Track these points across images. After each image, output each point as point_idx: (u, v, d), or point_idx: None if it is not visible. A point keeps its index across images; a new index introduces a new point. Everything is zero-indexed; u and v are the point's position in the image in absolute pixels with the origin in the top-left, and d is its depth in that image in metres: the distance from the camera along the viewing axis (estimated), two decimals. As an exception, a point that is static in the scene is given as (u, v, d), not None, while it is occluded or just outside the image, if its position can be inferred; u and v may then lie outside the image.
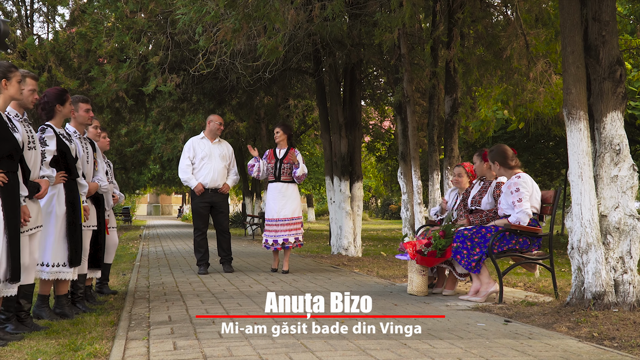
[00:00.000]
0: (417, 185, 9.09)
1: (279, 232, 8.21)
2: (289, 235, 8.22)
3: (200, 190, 8.17)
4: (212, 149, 8.30)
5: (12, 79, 4.22)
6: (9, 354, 3.85)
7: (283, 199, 8.23)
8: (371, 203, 51.51)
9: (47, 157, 4.87)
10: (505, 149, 5.94)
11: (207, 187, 8.21)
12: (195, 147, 8.31)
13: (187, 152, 8.31)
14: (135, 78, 11.11)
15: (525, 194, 5.66)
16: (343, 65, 11.83)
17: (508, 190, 5.76)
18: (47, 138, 4.92)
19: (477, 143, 17.50)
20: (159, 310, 5.26)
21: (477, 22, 9.16)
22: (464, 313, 5.08)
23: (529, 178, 5.77)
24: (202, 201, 8.23)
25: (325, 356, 3.53)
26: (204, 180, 8.19)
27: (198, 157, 8.25)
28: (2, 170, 4.05)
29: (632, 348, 3.80)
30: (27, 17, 14.44)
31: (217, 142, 8.41)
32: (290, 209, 8.25)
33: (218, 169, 8.25)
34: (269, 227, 8.27)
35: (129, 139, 23.07)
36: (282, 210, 8.21)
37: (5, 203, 4.05)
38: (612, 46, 4.97)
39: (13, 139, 4.13)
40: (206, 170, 8.22)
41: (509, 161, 5.87)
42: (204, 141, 8.37)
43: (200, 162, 8.24)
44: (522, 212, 5.61)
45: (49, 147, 4.90)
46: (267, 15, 7.11)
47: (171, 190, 51.06)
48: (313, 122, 19.09)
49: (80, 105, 5.52)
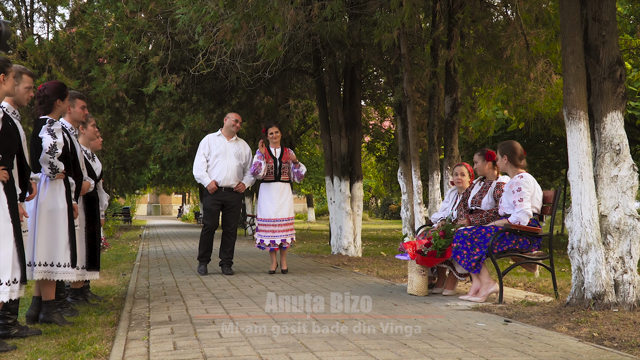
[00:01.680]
0: (417, 185, 9.09)
1: (276, 232, 8.10)
2: (286, 235, 8.14)
3: (213, 188, 7.98)
4: (228, 147, 8.11)
5: (8, 74, 4.10)
6: (9, 354, 3.85)
7: (281, 198, 8.15)
8: (371, 203, 51.53)
9: (58, 149, 4.73)
10: (516, 146, 5.93)
11: (220, 185, 8.02)
12: (211, 144, 8.11)
13: (202, 149, 8.11)
14: (135, 78, 11.11)
15: (527, 194, 5.65)
16: (343, 65, 11.84)
17: (510, 189, 5.76)
18: (55, 130, 4.79)
19: (477, 143, 17.51)
20: (159, 310, 5.25)
21: (477, 22, 9.17)
22: (464, 313, 5.08)
23: (531, 178, 5.77)
24: (213, 199, 8.05)
25: (325, 356, 3.53)
26: (216, 178, 8.00)
27: (212, 154, 8.05)
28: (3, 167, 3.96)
29: (632, 348, 3.80)
30: (27, 17, 14.44)
31: (233, 140, 8.20)
32: (287, 209, 8.18)
33: (232, 167, 8.05)
34: (265, 227, 8.15)
35: (129, 139, 23.07)
36: (280, 210, 8.12)
37: (9, 201, 3.96)
38: (612, 46, 4.97)
39: (15, 136, 4.07)
40: (219, 168, 8.03)
41: (517, 159, 5.86)
42: (220, 138, 8.16)
43: (214, 160, 8.05)
44: (522, 212, 5.61)
45: (58, 139, 4.77)
46: (266, 15, 7.11)
47: (171, 190, 51.11)
48: (313, 122, 19.09)
49: (77, 102, 5.42)
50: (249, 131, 20.19)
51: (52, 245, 4.82)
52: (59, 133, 4.83)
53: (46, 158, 4.71)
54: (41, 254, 4.77)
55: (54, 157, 4.72)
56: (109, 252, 13.35)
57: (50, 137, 4.74)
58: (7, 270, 3.89)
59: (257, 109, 16.95)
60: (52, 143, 4.71)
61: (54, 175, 4.79)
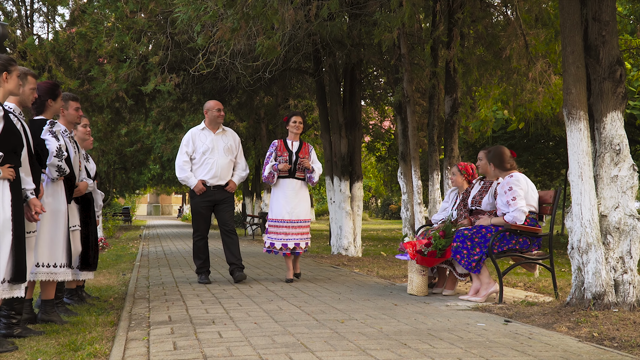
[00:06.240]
0: (417, 185, 9.09)
1: (289, 235, 7.18)
2: (300, 239, 7.22)
3: (202, 189, 7.09)
4: (216, 141, 7.18)
5: (12, 73, 4.11)
6: (9, 354, 3.85)
7: (296, 197, 7.23)
8: (371, 203, 51.52)
9: (64, 152, 4.73)
10: (502, 151, 5.93)
11: (208, 184, 7.13)
12: (195, 140, 7.17)
13: (185, 147, 7.18)
14: (135, 78, 11.12)
15: (519, 192, 5.66)
16: (343, 65, 11.84)
17: (502, 190, 5.78)
18: (57, 132, 4.78)
19: (477, 143, 17.52)
20: (159, 310, 5.25)
21: (477, 22, 9.18)
22: (464, 313, 5.08)
23: (522, 177, 5.78)
24: (202, 199, 7.14)
25: (325, 356, 3.53)
26: (205, 177, 7.11)
27: (199, 152, 7.14)
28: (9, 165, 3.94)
29: (632, 348, 3.80)
30: (27, 17, 14.43)
31: (220, 132, 7.26)
32: (304, 209, 7.28)
33: (222, 164, 7.15)
34: (277, 229, 7.20)
35: (129, 139, 23.07)
36: (295, 210, 7.20)
37: (14, 199, 3.94)
38: (612, 46, 4.97)
39: (18, 133, 4.05)
40: (208, 166, 7.12)
41: (505, 163, 5.89)
42: (204, 132, 7.22)
43: (201, 157, 7.13)
44: (517, 210, 5.62)
45: (61, 142, 4.78)
46: (264, 14, 7.10)
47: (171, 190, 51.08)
48: (313, 122, 19.10)
49: (70, 104, 5.39)
50: (249, 131, 20.21)
51: (53, 246, 4.82)
52: (60, 135, 4.84)
53: (54, 162, 4.71)
54: (43, 255, 4.77)
55: (61, 159, 4.74)
56: (109, 252, 13.35)
57: (54, 140, 4.74)
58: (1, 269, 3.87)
59: (257, 109, 16.98)
60: (58, 146, 4.72)
61: (58, 177, 4.80)
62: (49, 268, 4.79)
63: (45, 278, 4.79)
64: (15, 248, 3.91)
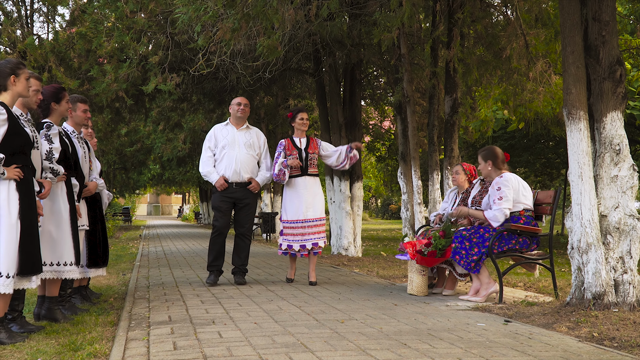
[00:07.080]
0: (417, 185, 9.09)
1: (306, 235, 6.94)
2: (317, 238, 6.97)
3: (223, 185, 6.88)
4: (237, 136, 7.01)
5: (20, 76, 4.24)
6: (9, 354, 3.85)
7: (310, 195, 6.99)
8: (371, 203, 51.54)
9: (55, 154, 4.81)
10: (498, 151, 6.00)
11: (229, 180, 6.94)
12: (217, 135, 7.03)
13: (208, 142, 7.05)
14: (135, 78, 11.12)
15: (507, 193, 5.67)
16: (343, 65, 11.84)
17: (492, 189, 5.82)
18: (52, 135, 4.86)
19: (477, 143, 17.51)
20: (159, 310, 5.25)
21: (477, 22, 9.18)
22: (464, 313, 5.08)
23: (512, 176, 5.80)
24: (223, 195, 6.94)
25: (325, 356, 3.53)
26: (224, 172, 6.92)
27: (219, 146, 6.99)
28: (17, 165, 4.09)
29: (632, 348, 3.80)
30: (27, 17, 14.44)
31: (244, 128, 7.10)
32: (319, 207, 7.04)
33: (242, 159, 6.94)
34: (293, 230, 6.97)
35: (129, 139, 23.09)
36: (310, 209, 6.97)
37: (22, 197, 4.09)
38: (612, 46, 4.97)
39: (25, 134, 4.18)
40: (227, 160, 6.93)
41: (500, 163, 5.93)
42: (227, 128, 7.08)
43: (221, 152, 6.97)
44: (499, 210, 5.64)
45: (54, 144, 4.85)
46: (264, 14, 7.11)
47: (171, 190, 51.13)
48: (313, 122, 19.10)
49: (78, 105, 5.51)
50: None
51: (57, 245, 4.89)
52: (56, 138, 4.91)
53: (45, 164, 4.79)
54: (47, 253, 4.84)
55: (52, 162, 4.79)
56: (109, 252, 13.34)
57: (46, 143, 4.82)
58: (4, 264, 4.00)
59: (257, 109, 16.96)
60: (48, 149, 4.79)
61: (55, 178, 4.85)
62: (52, 267, 4.87)
63: (50, 276, 4.86)
64: (23, 245, 4.06)
